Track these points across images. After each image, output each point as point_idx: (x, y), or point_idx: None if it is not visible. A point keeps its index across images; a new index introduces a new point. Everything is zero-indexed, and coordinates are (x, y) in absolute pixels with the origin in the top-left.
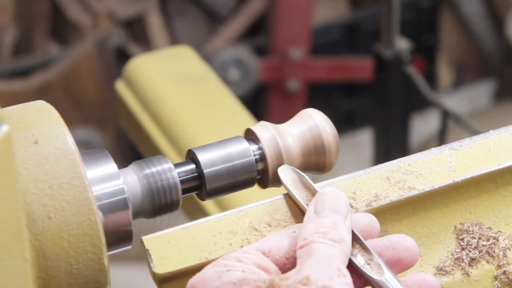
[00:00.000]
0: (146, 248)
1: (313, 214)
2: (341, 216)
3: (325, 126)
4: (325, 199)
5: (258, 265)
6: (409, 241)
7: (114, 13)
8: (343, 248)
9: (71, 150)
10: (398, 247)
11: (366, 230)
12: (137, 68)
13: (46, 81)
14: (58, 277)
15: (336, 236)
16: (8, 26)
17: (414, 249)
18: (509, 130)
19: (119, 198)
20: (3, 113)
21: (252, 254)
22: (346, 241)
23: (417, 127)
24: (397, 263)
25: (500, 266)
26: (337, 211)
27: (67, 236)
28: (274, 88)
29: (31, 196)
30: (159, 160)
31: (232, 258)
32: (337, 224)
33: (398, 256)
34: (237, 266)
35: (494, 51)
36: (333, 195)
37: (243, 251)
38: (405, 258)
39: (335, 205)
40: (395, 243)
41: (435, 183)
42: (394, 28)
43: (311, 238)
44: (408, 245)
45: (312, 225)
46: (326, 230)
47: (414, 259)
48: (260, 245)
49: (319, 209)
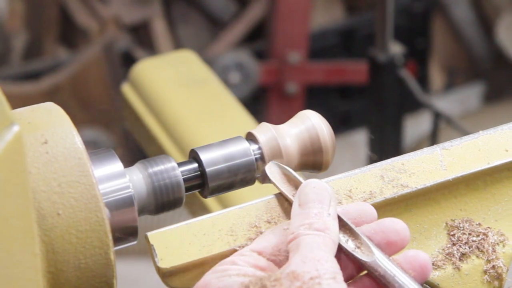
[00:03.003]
0: (150, 244)
1: (298, 207)
2: (325, 204)
3: (322, 126)
4: (307, 191)
5: (254, 265)
6: (398, 224)
7: (120, 19)
8: (329, 236)
9: (79, 150)
10: (387, 230)
11: (360, 217)
12: (142, 71)
13: (55, 84)
14: (67, 271)
15: (321, 225)
16: (19, 31)
17: (403, 231)
18: (497, 131)
19: (125, 195)
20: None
21: (247, 256)
22: (332, 228)
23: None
24: (387, 246)
25: (490, 261)
26: (320, 200)
27: (75, 232)
28: (273, 91)
29: (41, 193)
30: (163, 160)
31: (228, 262)
32: (321, 214)
33: (388, 239)
34: (232, 270)
35: (484, 55)
36: (314, 186)
37: (239, 254)
38: (395, 241)
39: (317, 196)
40: (384, 227)
41: (427, 181)
42: (388, 33)
43: (297, 232)
44: (397, 228)
45: (298, 218)
46: (311, 221)
47: (404, 241)
48: (254, 246)
49: (302, 202)
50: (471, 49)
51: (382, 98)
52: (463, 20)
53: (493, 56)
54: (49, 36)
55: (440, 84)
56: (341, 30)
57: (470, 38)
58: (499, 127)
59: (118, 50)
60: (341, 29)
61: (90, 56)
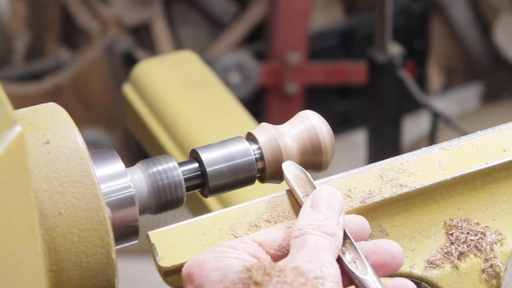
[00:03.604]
0: (152, 243)
1: (309, 208)
2: (336, 212)
3: (321, 126)
4: (322, 195)
5: (252, 254)
6: (394, 247)
7: (122, 20)
8: (335, 242)
9: (80, 150)
10: (384, 252)
11: (357, 231)
12: (143, 72)
13: (57, 84)
14: (69, 270)
15: (330, 230)
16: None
17: (399, 255)
18: (495, 131)
19: (126, 195)
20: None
21: (246, 244)
22: (338, 235)
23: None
24: (382, 267)
25: (487, 260)
26: (332, 207)
27: (77, 231)
28: (273, 91)
29: (43, 193)
30: (164, 159)
31: (228, 246)
32: (331, 219)
33: (383, 260)
34: (231, 253)
35: (482, 56)
36: (330, 193)
37: (239, 241)
38: (390, 263)
39: (330, 202)
40: (381, 248)
41: (426, 181)
42: (387, 34)
43: (305, 229)
44: (393, 251)
45: (307, 218)
46: (320, 223)
47: (398, 264)
48: (255, 236)
49: (315, 204)
50: (469, 50)
51: (381, 98)
52: (461, 21)
53: (491, 56)
54: (51, 37)
55: (438, 84)
56: (340, 31)
57: (468, 39)
58: (497, 127)
59: (119, 51)
60: (341, 30)
61: (91, 56)
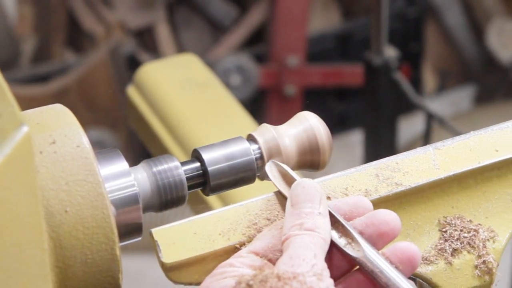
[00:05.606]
0: (155, 240)
1: (290, 208)
2: (315, 203)
3: (319, 127)
4: (298, 192)
5: (251, 266)
6: (387, 215)
7: (126, 23)
8: (319, 234)
9: (86, 150)
10: (378, 222)
11: (351, 212)
12: (147, 74)
13: (63, 86)
14: (74, 266)
15: (311, 225)
16: (29, 36)
17: (393, 222)
18: (488, 131)
19: (130, 193)
20: (24, 116)
21: (244, 257)
22: (323, 227)
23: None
24: (379, 237)
25: (480, 256)
26: (310, 200)
27: (82, 228)
28: (273, 93)
29: (49, 191)
30: (167, 159)
31: (226, 265)
32: (312, 213)
33: (379, 230)
34: (229, 272)
35: (475, 59)
36: (304, 186)
37: (237, 256)
38: (386, 231)
39: (307, 195)
40: (374, 219)
41: (420, 179)
42: (383, 37)
43: (289, 232)
44: (387, 219)
45: (290, 219)
46: (301, 221)
47: (394, 231)
48: (251, 247)
49: (294, 202)
50: (462, 53)
51: (377, 100)
52: (455, 25)
53: (483, 59)
54: (57, 40)
55: (432, 86)
56: (337, 34)
57: (461, 42)
58: (490, 127)
59: (124, 54)
60: (338, 33)
61: (96, 59)
